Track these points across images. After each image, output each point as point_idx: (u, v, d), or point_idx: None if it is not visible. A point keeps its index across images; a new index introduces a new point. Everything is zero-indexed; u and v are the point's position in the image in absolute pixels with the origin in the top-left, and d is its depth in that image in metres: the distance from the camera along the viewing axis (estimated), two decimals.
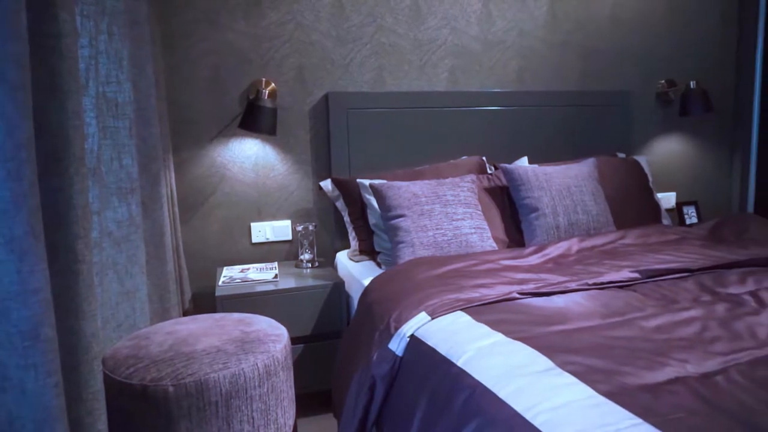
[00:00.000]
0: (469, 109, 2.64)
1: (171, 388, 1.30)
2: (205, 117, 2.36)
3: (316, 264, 2.37)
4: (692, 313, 1.48)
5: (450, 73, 2.67)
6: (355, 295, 2.02)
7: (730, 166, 3.30)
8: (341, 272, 2.34)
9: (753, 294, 1.62)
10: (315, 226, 2.37)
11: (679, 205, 3.02)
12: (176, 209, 2.20)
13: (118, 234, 1.58)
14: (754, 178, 3.21)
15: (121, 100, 1.60)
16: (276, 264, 2.40)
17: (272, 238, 2.48)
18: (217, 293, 2.03)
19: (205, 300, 2.41)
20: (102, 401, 1.12)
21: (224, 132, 2.39)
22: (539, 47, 2.81)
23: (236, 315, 1.71)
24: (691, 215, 3.00)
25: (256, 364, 1.41)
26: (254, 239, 2.46)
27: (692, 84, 2.92)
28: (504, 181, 2.41)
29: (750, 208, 3.22)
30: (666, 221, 2.64)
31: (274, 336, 1.55)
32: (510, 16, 2.74)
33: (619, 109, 2.91)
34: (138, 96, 1.75)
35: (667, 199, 3.12)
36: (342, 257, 2.42)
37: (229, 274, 2.25)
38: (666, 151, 3.14)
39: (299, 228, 2.35)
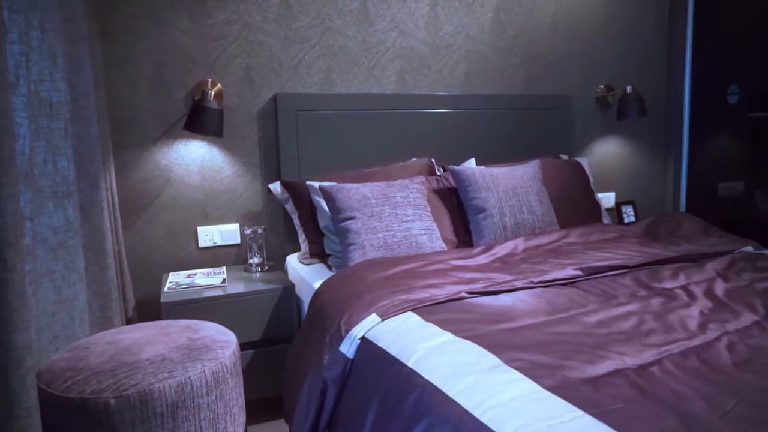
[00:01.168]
0: (418, 112, 2.67)
1: (113, 401, 1.25)
2: (148, 118, 2.29)
3: (266, 268, 2.34)
4: (630, 307, 1.55)
5: (399, 76, 2.69)
6: (306, 299, 2.00)
7: (664, 166, 3.47)
8: (291, 276, 2.32)
9: (684, 288, 1.72)
10: (264, 230, 2.33)
11: (618, 204, 3.16)
12: (118, 213, 2.12)
13: (53, 240, 1.50)
14: (686, 178, 3.39)
15: (55, 100, 1.53)
16: (224, 268, 2.35)
17: (220, 242, 2.42)
18: (163, 300, 1.96)
19: (150, 307, 2.33)
20: (37, 417, 1.06)
21: (168, 133, 2.32)
22: (486, 51, 2.87)
23: (183, 322, 1.67)
24: (629, 214, 3.14)
25: (204, 372, 1.37)
26: (201, 243, 2.40)
27: (628, 89, 3.06)
28: (452, 183, 2.45)
29: (682, 206, 3.41)
30: (606, 220, 2.76)
31: (222, 342, 1.51)
32: (457, 21, 2.79)
33: (562, 112, 3.02)
34: (75, 95, 1.67)
35: (607, 198, 3.26)
36: (292, 260, 2.39)
37: (175, 279, 2.19)
38: (605, 153, 3.28)
39: (248, 231, 2.30)
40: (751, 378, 1.12)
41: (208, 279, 2.18)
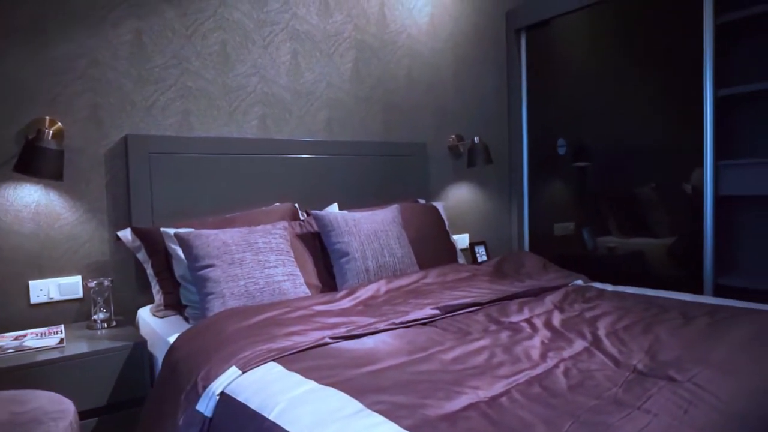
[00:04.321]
0: (280, 157, 2.67)
1: None
2: None
3: (114, 323, 2.13)
4: (482, 342, 1.66)
5: (260, 121, 2.69)
6: (160, 355, 1.85)
7: (509, 209, 3.84)
8: (143, 330, 2.13)
9: (528, 321, 1.88)
10: (111, 281, 2.13)
11: (472, 245, 3.40)
12: None
13: None
14: (527, 219, 3.77)
15: None
16: (62, 327, 2.09)
17: (58, 297, 2.17)
18: None
19: None
20: None
21: None
22: (346, 100, 2.99)
23: (6, 393, 1.45)
24: (481, 254, 3.40)
25: None
26: (33, 300, 2.12)
27: (476, 139, 3.35)
28: (316, 228, 2.47)
29: (526, 244, 3.77)
30: (461, 260, 2.95)
31: (55, 413, 1.34)
32: (318, 70, 2.87)
33: (418, 159, 3.22)
34: None
35: (461, 239, 3.50)
36: (144, 314, 2.21)
37: None
38: (459, 197, 3.54)
39: (92, 284, 2.09)
40: (582, 399, 1.25)
41: (42, 340, 1.93)
